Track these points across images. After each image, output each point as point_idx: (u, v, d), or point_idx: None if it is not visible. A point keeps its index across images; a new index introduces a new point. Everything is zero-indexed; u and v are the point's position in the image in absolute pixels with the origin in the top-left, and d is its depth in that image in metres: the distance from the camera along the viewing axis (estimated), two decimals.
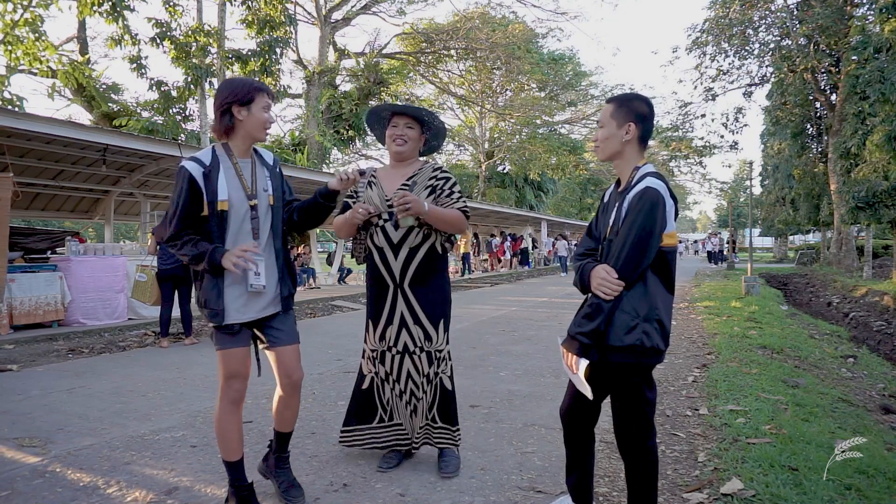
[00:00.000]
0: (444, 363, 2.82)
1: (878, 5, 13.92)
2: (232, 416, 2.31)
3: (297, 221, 2.46)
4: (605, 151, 2.08)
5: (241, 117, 2.25)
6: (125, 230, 36.29)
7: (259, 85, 2.29)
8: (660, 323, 1.94)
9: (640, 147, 2.06)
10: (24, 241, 8.69)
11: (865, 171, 15.08)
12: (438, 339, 2.78)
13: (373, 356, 2.85)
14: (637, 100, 2.07)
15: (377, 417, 2.86)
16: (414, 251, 2.71)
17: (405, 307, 2.74)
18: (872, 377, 6.42)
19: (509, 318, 8.90)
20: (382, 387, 2.84)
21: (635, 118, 2.02)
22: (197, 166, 2.21)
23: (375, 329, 2.82)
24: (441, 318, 2.78)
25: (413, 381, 2.79)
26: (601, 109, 2.16)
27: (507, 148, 27.97)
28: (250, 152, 2.36)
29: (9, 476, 2.80)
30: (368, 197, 2.76)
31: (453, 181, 2.81)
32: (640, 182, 1.94)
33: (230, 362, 2.28)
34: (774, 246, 49.04)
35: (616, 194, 2.08)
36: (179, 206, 2.20)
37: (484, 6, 26.06)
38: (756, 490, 2.52)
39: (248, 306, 2.29)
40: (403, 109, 2.83)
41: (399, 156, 2.81)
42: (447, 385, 2.82)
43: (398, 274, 2.72)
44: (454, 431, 2.85)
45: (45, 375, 5.10)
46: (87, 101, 16.49)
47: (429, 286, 2.75)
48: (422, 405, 2.80)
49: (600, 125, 2.11)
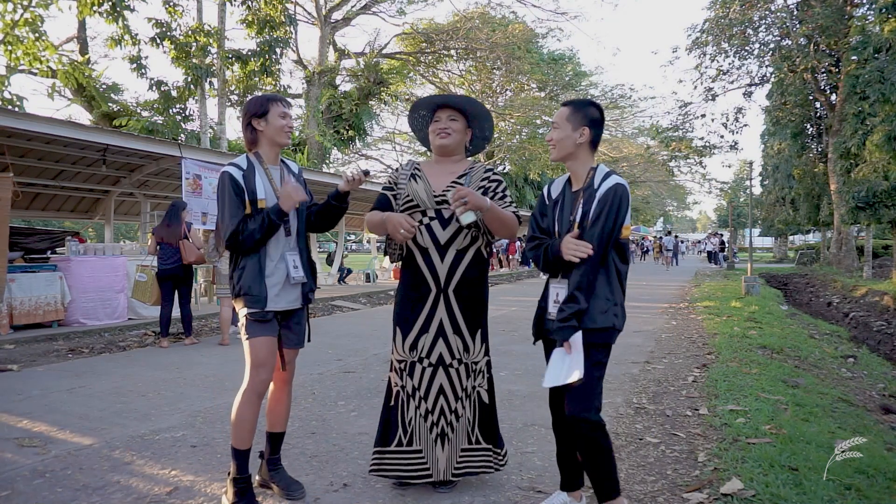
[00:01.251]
0: (482, 376, 2.60)
1: (878, 5, 13.92)
2: (252, 406, 2.41)
3: (314, 223, 2.65)
4: (560, 151, 2.25)
5: (260, 128, 2.49)
6: (125, 230, 36.28)
7: (272, 96, 2.52)
8: (621, 307, 2.20)
9: (591, 150, 2.25)
10: (24, 241, 8.69)
11: (865, 171, 15.08)
12: (476, 350, 2.58)
13: (400, 367, 2.56)
14: (591, 106, 2.25)
15: (396, 439, 2.53)
16: (462, 253, 2.53)
17: (445, 314, 2.52)
18: (872, 377, 6.42)
19: (509, 318, 8.91)
20: (407, 403, 2.53)
21: (588, 122, 2.21)
22: (236, 169, 2.44)
23: (406, 337, 2.55)
24: (479, 327, 2.60)
25: (445, 398, 2.51)
26: (556, 111, 2.30)
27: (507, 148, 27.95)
28: (279, 160, 2.59)
29: (9, 476, 2.80)
30: (413, 191, 2.55)
31: (505, 185, 2.63)
32: (606, 179, 2.15)
33: (260, 350, 2.39)
34: (774, 246, 49.04)
35: (571, 193, 2.26)
36: (227, 204, 2.40)
37: (484, 6, 26.05)
38: (756, 490, 2.52)
39: (280, 296, 2.46)
40: (445, 100, 2.67)
41: (444, 149, 2.62)
42: (485, 399, 2.59)
43: (444, 278, 2.51)
44: (499, 454, 2.60)
45: (45, 375, 5.10)
46: (87, 101, 16.47)
47: (472, 293, 2.56)
48: (458, 428, 2.52)
49: (554, 126, 2.26)
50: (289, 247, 2.49)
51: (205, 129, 12.96)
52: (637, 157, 36.17)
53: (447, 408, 2.51)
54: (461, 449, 2.54)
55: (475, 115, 2.70)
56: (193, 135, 15.00)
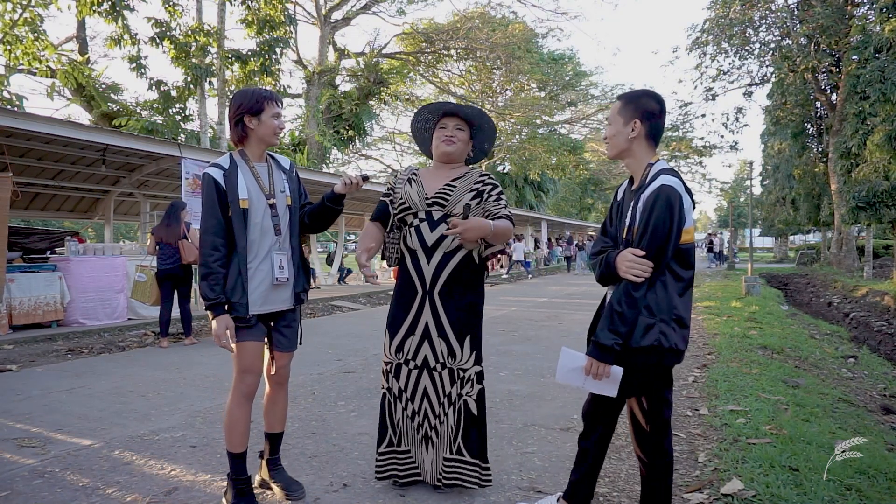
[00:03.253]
0: (471, 385, 2.51)
1: (879, 5, 13.92)
2: (242, 409, 2.40)
3: (308, 224, 2.59)
4: (613, 148, 2.09)
5: (252, 126, 2.42)
6: (125, 230, 36.27)
7: (267, 94, 2.44)
8: (678, 322, 1.92)
9: (649, 144, 2.05)
10: (24, 241, 8.70)
11: (866, 171, 15.06)
12: (463, 357, 2.50)
13: (387, 369, 2.58)
14: (645, 97, 2.05)
15: (387, 440, 2.57)
16: (448, 256, 2.50)
17: (431, 317, 2.51)
18: (873, 377, 6.41)
19: (509, 318, 8.90)
20: (395, 405, 2.56)
21: (641, 115, 2.01)
22: (217, 170, 2.40)
23: (393, 339, 2.57)
24: (468, 334, 2.51)
25: (429, 401, 2.51)
26: (612, 105, 2.16)
27: (507, 148, 27.94)
28: (265, 157, 2.53)
29: (9, 476, 2.79)
30: (406, 194, 2.57)
31: (500, 189, 2.62)
32: (654, 180, 1.92)
33: (245, 356, 2.37)
34: (775, 246, 49.03)
35: (630, 192, 2.07)
36: (207, 206, 2.37)
37: (484, 6, 26.03)
38: (756, 490, 2.52)
39: (266, 298, 2.41)
40: (455, 109, 2.65)
41: (447, 157, 2.62)
42: (472, 409, 2.50)
43: (429, 280, 2.51)
44: (483, 470, 2.53)
45: (44, 375, 5.09)
46: (87, 101, 16.48)
47: (460, 297, 2.51)
48: (441, 434, 2.51)
49: (608, 122, 2.11)
50: (277, 246, 2.43)
51: (204, 129, 12.95)
52: None
53: (430, 411, 2.52)
54: (444, 458, 2.51)
55: (481, 129, 2.70)
56: (193, 135, 15.01)
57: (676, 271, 1.93)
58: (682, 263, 1.94)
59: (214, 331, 2.32)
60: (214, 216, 2.34)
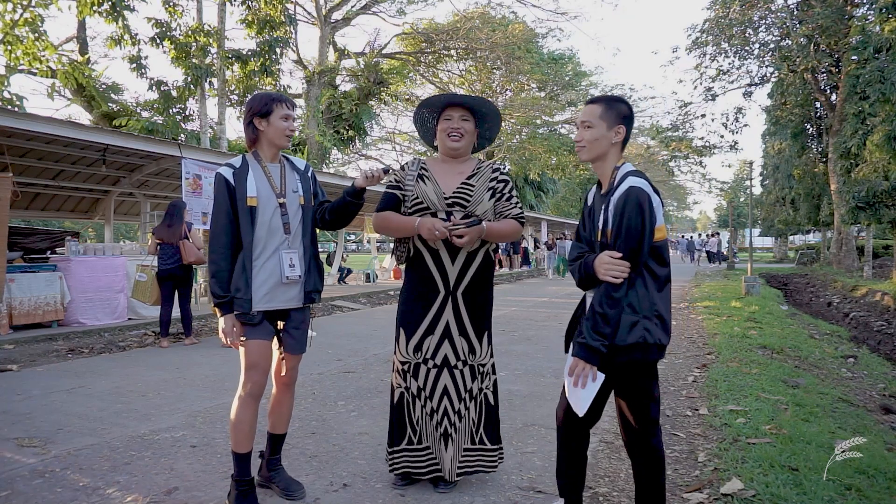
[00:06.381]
0: (488, 378, 2.61)
1: (878, 5, 13.91)
2: (249, 410, 2.40)
3: (329, 220, 2.59)
4: (593, 152, 2.07)
5: (262, 128, 2.47)
6: (125, 230, 36.27)
7: (276, 96, 2.48)
8: (659, 317, 1.96)
9: (621, 149, 2.10)
10: (24, 240, 8.70)
11: (865, 171, 15.05)
12: (482, 352, 2.58)
13: (403, 369, 2.57)
14: (621, 102, 2.09)
15: (406, 438, 2.57)
16: (472, 256, 2.53)
17: (452, 316, 2.53)
18: (873, 377, 6.41)
19: (509, 318, 8.90)
20: (413, 404, 2.55)
21: (623, 120, 2.05)
22: (228, 169, 2.45)
23: (410, 339, 2.55)
24: (486, 329, 2.61)
25: (449, 399, 2.53)
26: (582, 110, 2.13)
27: (507, 148, 27.93)
28: (279, 158, 2.56)
29: (9, 476, 2.80)
30: (422, 192, 2.54)
31: (512, 185, 2.65)
32: (622, 183, 1.96)
33: (251, 353, 2.38)
34: (774, 246, 49.01)
35: (600, 197, 2.10)
36: (218, 205, 2.42)
37: (484, 6, 26.02)
38: (756, 490, 2.52)
39: (272, 296, 2.41)
40: (460, 100, 2.62)
41: (454, 152, 2.62)
42: (490, 400, 2.60)
43: (453, 280, 2.51)
44: (500, 451, 2.64)
45: (45, 375, 5.09)
46: (87, 101, 16.47)
47: (480, 295, 2.58)
48: (461, 428, 2.55)
49: (586, 126, 2.07)
50: (286, 245, 2.44)
51: (205, 129, 12.95)
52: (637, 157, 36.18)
53: (451, 409, 2.54)
54: (464, 449, 2.56)
55: (485, 115, 2.69)
56: (193, 135, 14.99)
57: (653, 269, 1.98)
58: (657, 260, 1.98)
59: (222, 328, 2.35)
60: (226, 215, 2.38)
